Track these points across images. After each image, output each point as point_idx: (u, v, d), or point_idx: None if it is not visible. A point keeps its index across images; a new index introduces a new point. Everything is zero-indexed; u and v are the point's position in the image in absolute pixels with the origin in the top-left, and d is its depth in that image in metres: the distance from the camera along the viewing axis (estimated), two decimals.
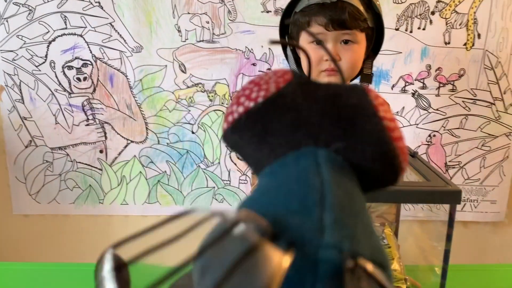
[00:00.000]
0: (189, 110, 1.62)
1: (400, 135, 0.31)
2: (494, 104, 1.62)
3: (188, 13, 1.54)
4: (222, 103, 1.62)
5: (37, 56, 1.55)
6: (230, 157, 1.66)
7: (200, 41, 1.56)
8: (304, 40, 0.94)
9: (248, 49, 1.57)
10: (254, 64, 1.58)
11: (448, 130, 1.64)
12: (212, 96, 1.61)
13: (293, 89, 0.32)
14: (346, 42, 0.90)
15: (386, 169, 0.31)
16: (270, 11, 1.53)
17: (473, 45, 1.57)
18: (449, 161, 1.68)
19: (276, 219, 0.24)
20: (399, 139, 0.31)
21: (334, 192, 0.25)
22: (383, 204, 0.94)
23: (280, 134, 0.31)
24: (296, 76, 0.33)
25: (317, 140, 0.30)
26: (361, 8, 0.87)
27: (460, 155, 1.67)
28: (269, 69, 1.58)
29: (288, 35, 0.99)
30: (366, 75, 1.01)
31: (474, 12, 1.54)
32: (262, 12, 1.54)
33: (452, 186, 0.55)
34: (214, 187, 1.69)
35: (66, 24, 1.53)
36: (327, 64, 0.91)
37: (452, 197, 0.53)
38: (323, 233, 0.23)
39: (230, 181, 1.68)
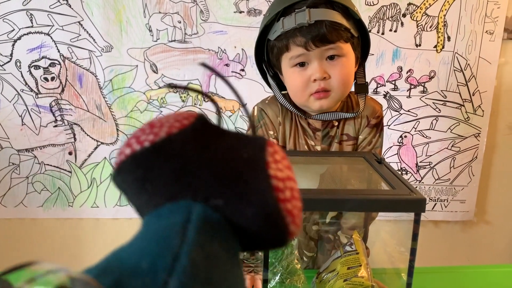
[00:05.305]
0: (161, 111, 1.59)
1: (291, 195, 0.29)
2: (463, 105, 1.65)
3: (160, 12, 1.51)
4: (195, 104, 1.60)
5: (1, 55, 1.50)
6: None
7: (172, 41, 1.54)
8: (286, 65, 0.87)
9: (221, 50, 1.55)
10: (227, 65, 1.57)
11: (419, 131, 1.67)
12: (184, 96, 1.59)
13: (186, 136, 0.30)
14: (332, 57, 0.84)
15: (270, 230, 0.29)
16: (243, 11, 1.52)
17: (443, 47, 1.59)
18: (420, 162, 1.70)
19: (118, 279, 0.22)
20: (288, 201, 0.28)
21: (191, 256, 0.23)
22: (354, 217, 0.92)
23: (158, 183, 0.28)
24: (197, 122, 0.31)
25: (196, 194, 0.28)
26: (341, 19, 0.82)
27: (430, 155, 1.70)
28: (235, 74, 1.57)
29: (266, 63, 0.93)
30: (360, 85, 0.94)
31: (444, 15, 1.56)
32: (234, 12, 1.52)
33: (417, 194, 0.56)
34: None
35: (32, 22, 1.48)
36: (316, 85, 0.84)
37: (416, 205, 0.54)
38: None
39: None
